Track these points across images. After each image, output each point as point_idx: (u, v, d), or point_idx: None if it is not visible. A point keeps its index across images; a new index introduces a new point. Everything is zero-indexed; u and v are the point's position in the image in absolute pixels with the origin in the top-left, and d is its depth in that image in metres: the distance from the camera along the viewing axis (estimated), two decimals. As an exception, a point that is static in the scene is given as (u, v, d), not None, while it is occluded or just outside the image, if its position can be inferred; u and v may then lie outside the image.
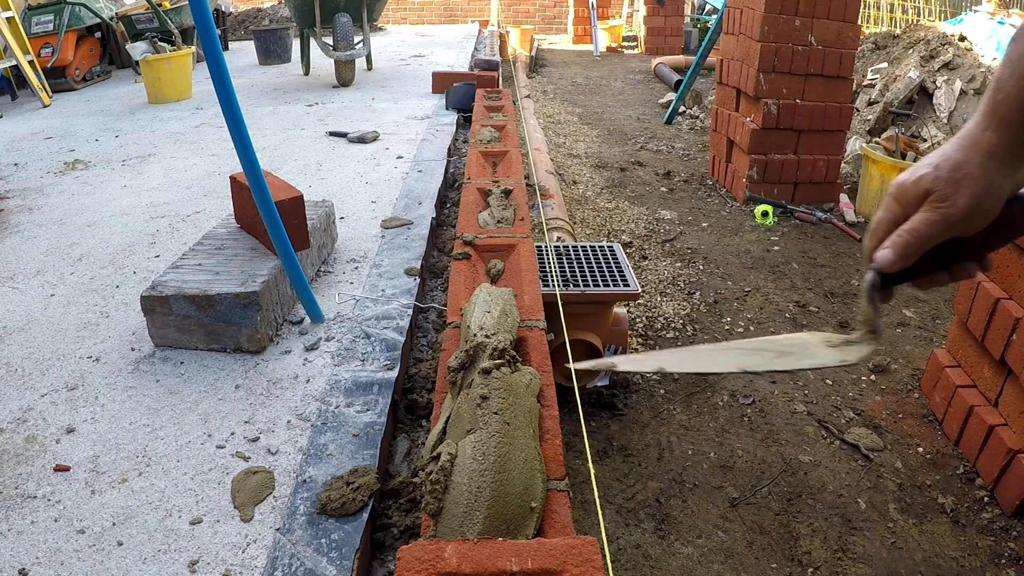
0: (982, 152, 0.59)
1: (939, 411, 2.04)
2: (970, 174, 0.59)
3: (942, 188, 0.60)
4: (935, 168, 0.60)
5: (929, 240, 0.61)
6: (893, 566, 1.57)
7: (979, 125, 0.60)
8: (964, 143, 0.60)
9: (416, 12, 11.99)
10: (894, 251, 0.63)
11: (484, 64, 5.45)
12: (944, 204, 0.60)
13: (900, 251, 0.62)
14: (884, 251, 0.63)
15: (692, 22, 9.51)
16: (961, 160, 0.59)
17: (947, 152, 0.61)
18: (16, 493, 1.24)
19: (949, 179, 0.59)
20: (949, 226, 0.60)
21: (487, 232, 1.96)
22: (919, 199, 0.61)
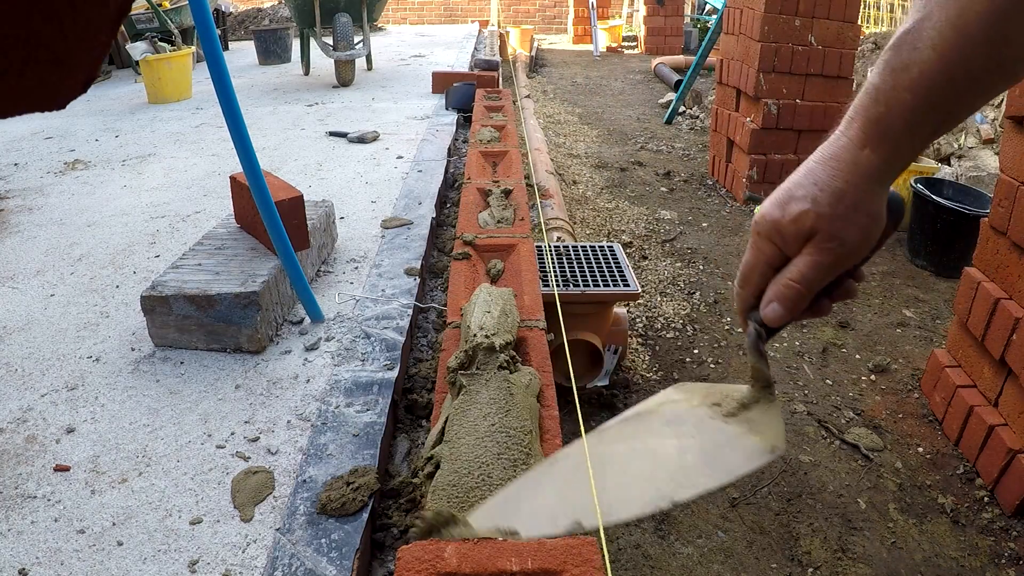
0: (863, 176, 0.52)
1: (939, 411, 2.04)
2: (855, 205, 0.53)
3: (827, 227, 0.53)
4: (814, 203, 0.53)
5: (821, 284, 0.55)
6: (893, 566, 1.57)
7: (854, 143, 0.53)
8: (840, 166, 0.53)
9: (416, 12, 11.99)
10: (783, 305, 0.56)
11: (484, 64, 5.45)
12: (833, 244, 0.53)
13: (790, 305, 0.56)
14: (772, 307, 0.56)
15: (692, 22, 9.51)
16: (841, 189, 0.53)
17: (821, 180, 0.53)
18: (16, 493, 1.24)
19: (834, 215, 0.53)
20: (840, 266, 0.55)
21: (487, 232, 1.96)
22: (799, 239, 0.54)
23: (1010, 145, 1.85)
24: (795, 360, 2.35)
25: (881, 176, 0.53)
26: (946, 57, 0.48)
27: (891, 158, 0.52)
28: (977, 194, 3.13)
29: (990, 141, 4.03)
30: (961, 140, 4.12)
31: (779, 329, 0.59)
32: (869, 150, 0.52)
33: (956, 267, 2.87)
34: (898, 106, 0.51)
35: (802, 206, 0.53)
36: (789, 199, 0.55)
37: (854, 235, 0.53)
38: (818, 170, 0.54)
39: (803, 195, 0.54)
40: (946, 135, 4.14)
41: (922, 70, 0.49)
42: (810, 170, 0.55)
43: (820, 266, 0.54)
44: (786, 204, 0.55)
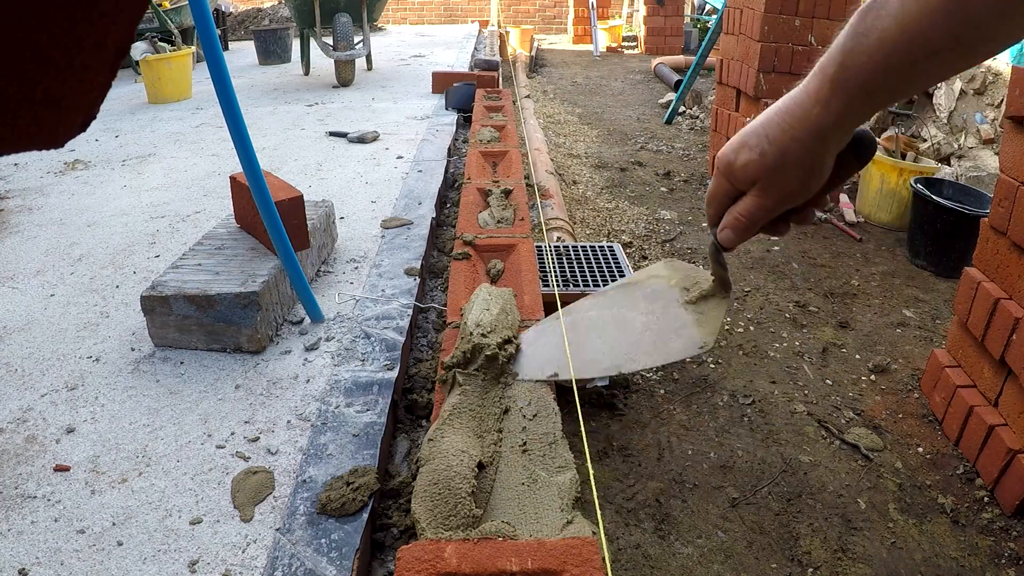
0: (810, 133, 0.57)
1: (939, 411, 2.04)
2: (796, 158, 0.58)
3: (768, 176, 0.60)
4: (761, 155, 0.59)
5: (764, 218, 0.64)
6: (893, 566, 1.57)
7: (810, 98, 0.56)
8: (791, 121, 0.58)
9: (416, 12, 11.99)
10: (733, 232, 0.65)
11: (484, 64, 5.45)
12: (773, 189, 0.61)
13: (740, 233, 0.65)
14: (725, 233, 0.66)
15: (692, 22, 9.51)
16: (787, 145, 0.58)
17: (771, 134, 0.59)
18: (16, 493, 1.24)
19: (776, 167, 0.59)
20: (781, 205, 0.62)
21: (487, 232, 1.96)
22: (748, 182, 0.62)
23: (1010, 145, 1.85)
24: (795, 360, 2.35)
25: (828, 132, 0.57)
26: (906, 29, 0.50)
27: (842, 117, 0.55)
28: (977, 194, 3.13)
29: (990, 141, 4.03)
30: (961, 140, 4.12)
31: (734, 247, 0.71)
32: (820, 108, 0.56)
33: (956, 267, 2.87)
34: (854, 68, 0.53)
35: (750, 156, 0.61)
36: (742, 146, 0.61)
37: (792, 185, 0.60)
38: (773, 122, 0.59)
39: (754, 144, 0.60)
40: (946, 135, 4.14)
41: (881, 38, 0.51)
42: (767, 120, 0.60)
43: (763, 207, 0.63)
44: (739, 150, 0.62)
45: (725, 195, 0.66)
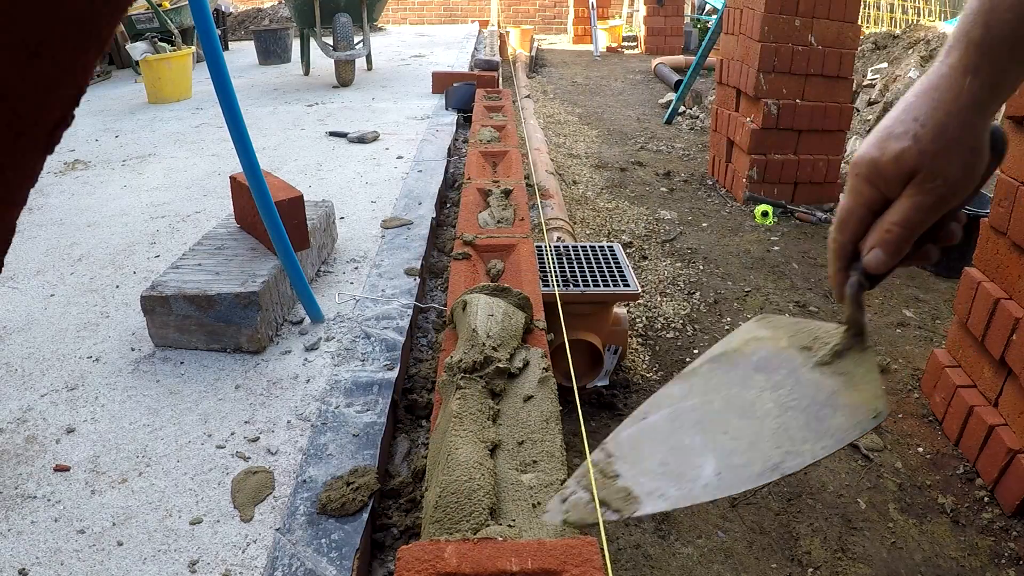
0: (965, 106, 0.50)
1: (939, 411, 2.04)
2: (957, 138, 0.50)
3: (930, 164, 0.50)
4: (915, 140, 0.50)
5: (923, 227, 0.53)
6: (893, 566, 1.57)
7: (955, 70, 0.50)
8: (941, 96, 0.50)
9: (416, 12, 11.99)
10: (886, 250, 0.53)
11: (484, 64, 5.45)
12: (936, 182, 0.50)
13: (894, 250, 0.53)
14: (874, 253, 0.54)
15: (692, 22, 9.51)
16: (943, 122, 0.50)
17: (922, 114, 0.51)
18: (16, 493, 1.24)
19: (936, 152, 0.50)
20: (945, 205, 0.52)
21: (487, 232, 1.96)
22: (902, 180, 0.52)
23: (1010, 145, 1.85)
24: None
25: (984, 105, 0.50)
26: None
27: (995, 85, 0.49)
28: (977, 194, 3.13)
29: (990, 141, 4.03)
30: (961, 140, 4.12)
31: (882, 278, 0.56)
32: (971, 76, 0.49)
33: (956, 267, 2.87)
34: (998, 26, 0.47)
35: (902, 144, 0.51)
36: (888, 137, 0.52)
37: (957, 171, 0.50)
38: (918, 103, 0.51)
39: (903, 131, 0.51)
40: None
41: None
42: (909, 104, 0.51)
43: (923, 207, 0.51)
44: (885, 143, 0.52)
45: (867, 208, 0.54)
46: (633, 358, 2.33)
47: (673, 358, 2.34)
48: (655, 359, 2.34)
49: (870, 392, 0.61)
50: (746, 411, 0.66)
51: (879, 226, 0.53)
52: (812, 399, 0.63)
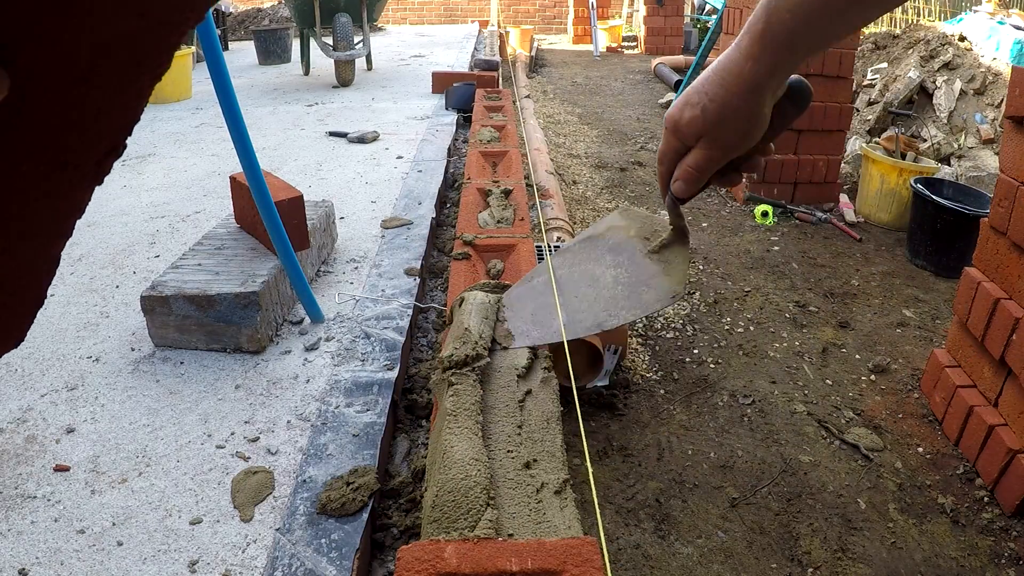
0: (745, 86, 0.62)
1: (939, 411, 2.04)
2: (735, 110, 0.64)
3: (712, 130, 0.66)
4: (703, 111, 0.66)
5: (711, 169, 0.70)
6: (893, 566, 1.57)
7: (742, 55, 0.62)
8: (727, 77, 0.63)
9: (416, 12, 11.99)
10: (685, 183, 0.72)
11: (484, 64, 5.45)
12: (717, 141, 0.67)
13: (690, 182, 0.72)
14: (678, 184, 0.72)
15: (692, 22, 9.51)
16: (724, 99, 0.64)
17: (711, 91, 0.65)
18: (16, 493, 1.24)
19: (717, 121, 0.65)
20: (726, 155, 0.68)
21: (487, 232, 1.96)
22: (693, 137, 0.68)
23: (1010, 145, 1.85)
24: (795, 360, 2.35)
25: (762, 85, 0.62)
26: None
27: (773, 69, 0.61)
28: (977, 194, 3.13)
29: (990, 141, 4.03)
30: (961, 140, 4.12)
31: (689, 197, 0.75)
32: (751, 63, 0.61)
33: (956, 267, 2.87)
34: (779, 24, 0.59)
35: (694, 112, 0.67)
36: (686, 104, 0.68)
37: (733, 136, 0.66)
38: (712, 80, 0.65)
39: (696, 102, 0.66)
40: (946, 135, 4.14)
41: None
42: (706, 79, 0.66)
43: (709, 158, 0.69)
44: (683, 109, 0.68)
45: (674, 152, 0.72)
46: (633, 358, 2.33)
47: (673, 358, 2.34)
48: (655, 359, 2.33)
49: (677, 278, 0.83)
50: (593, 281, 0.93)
51: (681, 165, 0.72)
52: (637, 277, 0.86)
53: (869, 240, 3.39)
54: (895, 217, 3.49)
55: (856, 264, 3.11)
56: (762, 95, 0.63)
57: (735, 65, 0.63)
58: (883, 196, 3.51)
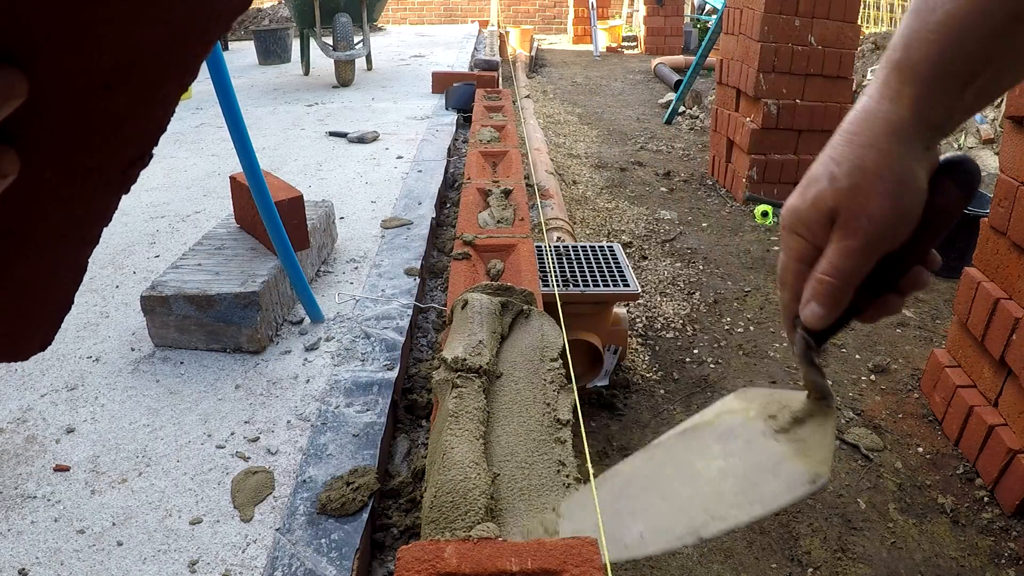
0: (885, 135, 0.45)
1: (939, 411, 2.04)
2: (876, 171, 0.45)
3: (848, 203, 0.46)
4: (831, 180, 0.47)
5: (858, 271, 0.48)
6: (893, 566, 1.57)
7: (873, 99, 0.46)
8: (858, 129, 0.46)
9: (416, 12, 11.99)
10: (820, 303, 0.49)
11: (484, 64, 5.45)
12: (859, 222, 0.46)
13: (829, 302, 0.49)
14: (810, 307, 0.50)
15: (692, 22, 9.51)
16: (860, 156, 0.46)
17: (839, 152, 0.47)
18: (16, 493, 1.24)
19: (854, 188, 0.46)
20: (874, 245, 0.47)
21: (487, 232, 1.96)
22: (825, 225, 0.48)
23: (1010, 145, 1.85)
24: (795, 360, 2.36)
25: (909, 132, 0.45)
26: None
27: (920, 110, 0.45)
28: (977, 194, 3.13)
29: (990, 141, 4.03)
30: (961, 140, 4.12)
31: (831, 333, 0.53)
32: (888, 102, 0.45)
33: (956, 267, 2.87)
34: (921, 49, 0.44)
35: (820, 186, 0.47)
36: (809, 183, 0.48)
37: (881, 207, 0.45)
38: (837, 141, 0.47)
39: (821, 173, 0.48)
40: (946, 135, 4.13)
41: (948, 10, 0.43)
42: (831, 144, 0.48)
43: (851, 251, 0.46)
44: (806, 189, 0.48)
45: (799, 260, 0.50)
46: (633, 358, 2.33)
47: (673, 358, 2.34)
48: (655, 359, 2.34)
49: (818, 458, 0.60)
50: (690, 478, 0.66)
51: (811, 277, 0.49)
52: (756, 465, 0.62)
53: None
54: (895, 217, 3.48)
55: (856, 264, 3.11)
56: (909, 146, 0.45)
57: (866, 112, 0.46)
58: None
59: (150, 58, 0.23)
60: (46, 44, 0.20)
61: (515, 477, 1.06)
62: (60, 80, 0.21)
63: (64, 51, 0.21)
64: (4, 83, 0.20)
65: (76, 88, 0.22)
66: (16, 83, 0.21)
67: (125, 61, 0.22)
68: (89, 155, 0.24)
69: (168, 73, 0.24)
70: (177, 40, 0.24)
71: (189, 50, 0.24)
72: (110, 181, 0.26)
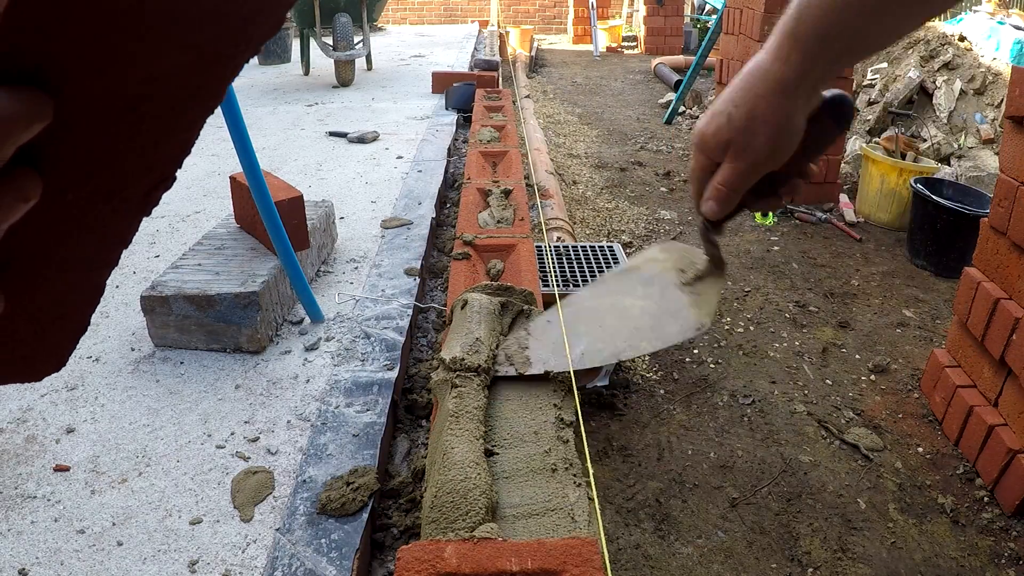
0: (773, 88, 0.58)
1: (939, 411, 2.04)
2: (762, 117, 0.58)
3: (739, 138, 0.60)
4: (728, 119, 0.60)
5: (743, 185, 0.63)
6: (893, 566, 1.57)
7: (768, 56, 0.58)
8: (752, 80, 0.59)
9: (416, 12, 11.99)
10: (716, 203, 0.65)
11: (484, 64, 5.45)
12: (745, 152, 0.61)
13: (721, 201, 0.65)
14: (708, 204, 0.65)
15: (692, 22, 9.51)
16: (751, 103, 0.59)
17: (736, 96, 0.60)
18: (16, 493, 1.24)
19: (743, 128, 0.60)
20: (756, 169, 0.62)
21: (487, 232, 1.96)
22: (722, 149, 0.62)
23: (1010, 145, 1.85)
24: (795, 360, 2.35)
25: (791, 87, 0.57)
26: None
27: (803, 70, 0.56)
28: (977, 194, 3.13)
29: (990, 141, 4.03)
30: (961, 140, 4.12)
31: (723, 221, 0.70)
32: (780, 62, 0.57)
33: (956, 267, 2.87)
34: (809, 20, 0.55)
35: (719, 121, 0.61)
36: (712, 115, 0.62)
37: (762, 143, 0.60)
38: (737, 85, 0.60)
39: (721, 110, 0.61)
40: (946, 135, 4.14)
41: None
42: (731, 87, 0.61)
43: (738, 171, 0.62)
44: (709, 120, 0.62)
45: (703, 169, 0.66)
46: (633, 358, 2.33)
47: (673, 358, 2.34)
48: (655, 359, 2.33)
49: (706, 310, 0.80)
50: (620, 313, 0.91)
51: (710, 183, 0.65)
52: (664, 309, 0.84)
53: (869, 240, 3.39)
54: (895, 217, 3.49)
55: (856, 264, 3.11)
56: (792, 99, 0.58)
57: (761, 68, 0.58)
58: (883, 196, 3.51)
59: (177, 83, 0.23)
60: (72, 67, 0.20)
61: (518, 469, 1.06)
62: (85, 103, 0.21)
63: (90, 74, 0.21)
64: (28, 105, 0.20)
65: (101, 111, 0.22)
66: (41, 106, 0.20)
67: (152, 85, 0.22)
68: (112, 178, 0.24)
69: (195, 98, 0.24)
70: (206, 65, 0.23)
71: (217, 75, 0.24)
72: (132, 204, 0.25)
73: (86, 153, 0.22)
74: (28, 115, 0.20)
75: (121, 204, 0.25)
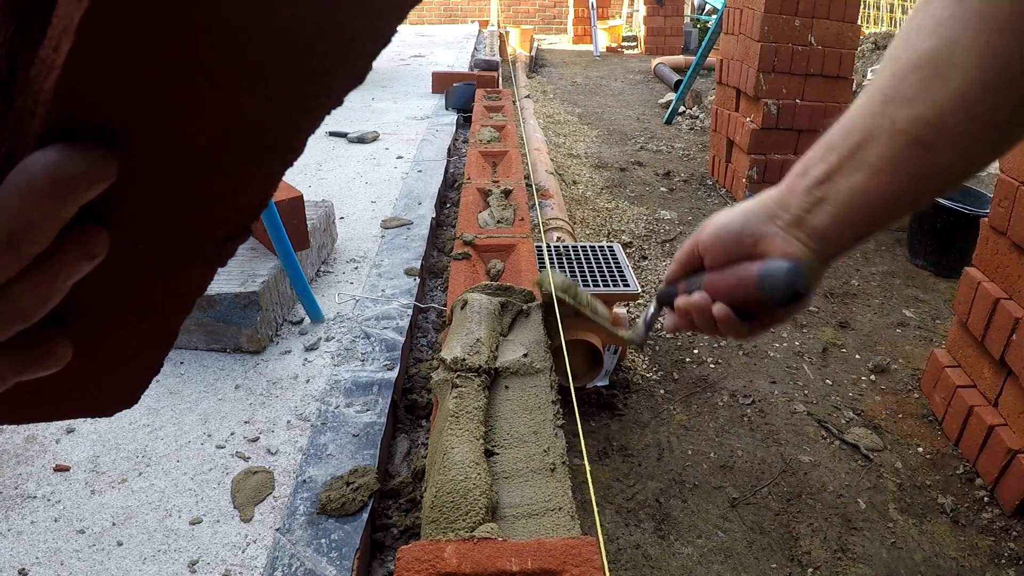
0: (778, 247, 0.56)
1: (939, 411, 2.04)
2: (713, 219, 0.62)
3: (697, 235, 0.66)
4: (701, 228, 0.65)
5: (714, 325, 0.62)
6: (893, 566, 1.57)
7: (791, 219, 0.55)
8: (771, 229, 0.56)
9: (416, 12, 11.99)
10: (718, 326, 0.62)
11: (484, 64, 5.45)
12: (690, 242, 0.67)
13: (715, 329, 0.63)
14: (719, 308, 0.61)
15: (692, 22, 9.51)
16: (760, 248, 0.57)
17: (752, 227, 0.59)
18: (16, 493, 1.24)
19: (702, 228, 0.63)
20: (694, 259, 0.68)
21: (487, 232, 1.96)
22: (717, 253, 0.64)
23: (1010, 145, 1.84)
24: (795, 360, 2.35)
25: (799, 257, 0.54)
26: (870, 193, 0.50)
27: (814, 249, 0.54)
28: (977, 194, 3.13)
29: (990, 141, 4.02)
30: (961, 140, 4.11)
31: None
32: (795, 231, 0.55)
33: (956, 267, 2.87)
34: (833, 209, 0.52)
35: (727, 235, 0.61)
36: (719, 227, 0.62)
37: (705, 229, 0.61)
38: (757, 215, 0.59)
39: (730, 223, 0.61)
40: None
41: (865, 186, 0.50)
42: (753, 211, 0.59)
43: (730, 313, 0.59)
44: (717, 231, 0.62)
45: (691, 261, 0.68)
46: (633, 358, 2.33)
47: (673, 358, 2.34)
48: (655, 359, 2.33)
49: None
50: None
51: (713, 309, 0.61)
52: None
53: (869, 240, 3.39)
54: (895, 217, 3.48)
55: (856, 264, 3.11)
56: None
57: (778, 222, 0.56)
58: (883, 196, 3.51)
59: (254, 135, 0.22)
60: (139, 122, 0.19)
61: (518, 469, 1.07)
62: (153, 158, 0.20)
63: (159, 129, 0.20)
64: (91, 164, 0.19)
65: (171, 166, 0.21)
66: (105, 164, 0.19)
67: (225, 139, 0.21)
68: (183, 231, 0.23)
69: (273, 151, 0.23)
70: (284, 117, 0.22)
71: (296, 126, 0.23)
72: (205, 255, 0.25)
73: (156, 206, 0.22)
74: (91, 175, 0.19)
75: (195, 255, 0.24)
